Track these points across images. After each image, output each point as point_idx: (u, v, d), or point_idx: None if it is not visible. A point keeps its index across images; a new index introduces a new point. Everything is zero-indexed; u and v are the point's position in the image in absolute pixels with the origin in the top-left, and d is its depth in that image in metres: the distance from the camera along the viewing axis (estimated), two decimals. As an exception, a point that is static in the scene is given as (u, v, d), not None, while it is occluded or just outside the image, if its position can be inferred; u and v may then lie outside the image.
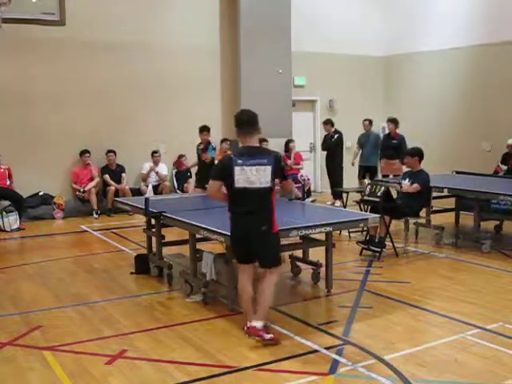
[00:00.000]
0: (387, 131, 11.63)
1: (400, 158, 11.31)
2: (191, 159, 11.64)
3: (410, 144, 9.08)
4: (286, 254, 6.95)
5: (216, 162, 8.65)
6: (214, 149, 9.82)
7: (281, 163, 4.81)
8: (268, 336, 4.71)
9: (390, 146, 11.29)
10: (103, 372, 4.31)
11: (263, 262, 4.86)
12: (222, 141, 12.54)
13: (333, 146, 12.23)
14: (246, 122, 4.80)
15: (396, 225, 8.64)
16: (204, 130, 9.67)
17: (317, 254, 6.64)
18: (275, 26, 12.79)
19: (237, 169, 4.63)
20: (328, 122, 12.40)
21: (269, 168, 4.64)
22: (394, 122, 11.33)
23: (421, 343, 4.77)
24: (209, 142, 9.69)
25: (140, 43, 11.90)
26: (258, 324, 4.74)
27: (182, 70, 12.33)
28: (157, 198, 8.01)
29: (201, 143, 9.79)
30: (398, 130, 11.41)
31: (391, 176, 10.95)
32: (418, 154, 7.97)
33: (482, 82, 12.84)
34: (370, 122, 12.34)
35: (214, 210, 6.99)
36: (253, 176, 4.63)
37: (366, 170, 12.29)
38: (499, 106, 12.47)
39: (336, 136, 12.25)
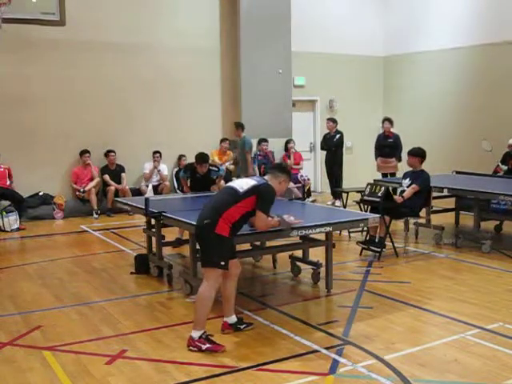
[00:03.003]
0: (382, 130, 11.69)
1: (396, 156, 11.46)
2: (192, 159, 11.65)
3: (409, 144, 9.07)
4: (285, 254, 6.97)
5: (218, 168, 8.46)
6: (218, 170, 8.35)
7: (263, 190, 4.75)
8: (204, 347, 4.59)
9: (386, 145, 11.48)
10: (103, 372, 4.31)
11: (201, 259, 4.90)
12: (222, 140, 12.56)
13: (334, 145, 12.24)
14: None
15: (396, 225, 8.64)
16: (203, 161, 8.01)
17: (317, 253, 6.65)
18: (275, 26, 12.80)
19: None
20: (333, 120, 12.40)
21: (252, 182, 4.81)
22: (389, 121, 11.56)
23: (421, 343, 4.77)
24: (209, 170, 8.13)
25: (140, 43, 11.90)
26: (194, 334, 4.65)
27: (182, 70, 12.34)
28: (157, 198, 8.01)
29: (195, 169, 8.13)
30: (392, 130, 11.51)
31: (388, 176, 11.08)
32: (421, 154, 7.95)
33: (482, 81, 12.84)
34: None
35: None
36: (235, 183, 4.88)
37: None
38: (499, 106, 12.47)
39: (338, 136, 12.27)
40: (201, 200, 8.04)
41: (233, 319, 5.07)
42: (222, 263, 4.63)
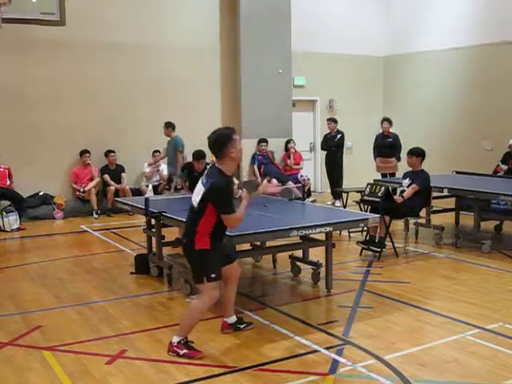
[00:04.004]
0: (381, 130, 11.71)
1: (395, 156, 11.48)
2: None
3: (409, 144, 9.07)
4: (285, 254, 6.97)
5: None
6: None
7: (212, 194, 4.48)
8: (181, 352, 4.53)
9: (385, 145, 11.51)
10: (103, 372, 4.31)
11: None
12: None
13: (335, 146, 12.25)
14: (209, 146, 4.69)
15: (396, 225, 8.64)
16: (201, 157, 8.03)
17: (317, 253, 6.65)
18: (275, 26, 12.80)
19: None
20: (334, 121, 12.41)
21: (202, 189, 4.54)
22: (388, 121, 11.60)
23: (421, 343, 4.77)
24: (205, 167, 7.89)
25: (140, 43, 11.90)
26: (174, 339, 4.61)
27: (182, 70, 12.34)
28: (157, 198, 8.00)
29: (192, 167, 8.19)
30: (392, 129, 11.54)
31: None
32: (422, 154, 7.96)
33: (481, 81, 12.85)
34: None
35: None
36: (195, 192, 4.64)
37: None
38: (499, 106, 12.46)
39: (339, 136, 12.28)
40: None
41: (232, 319, 5.07)
42: (213, 275, 4.54)
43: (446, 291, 6.23)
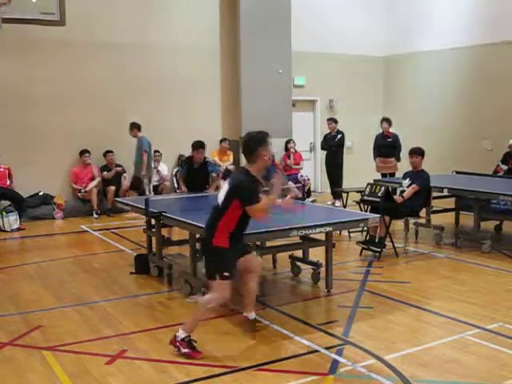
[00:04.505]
0: (381, 130, 11.72)
1: (395, 156, 11.49)
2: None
3: (409, 144, 9.07)
4: (285, 254, 6.97)
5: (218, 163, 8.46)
6: (215, 165, 8.53)
7: (236, 190, 4.63)
8: (183, 350, 4.54)
9: (385, 145, 11.52)
10: (103, 372, 4.31)
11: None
12: (222, 140, 12.57)
13: (335, 146, 12.25)
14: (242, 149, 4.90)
15: (396, 225, 8.64)
16: (200, 147, 8.15)
17: (317, 254, 6.64)
18: (275, 26, 12.79)
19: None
20: (334, 121, 12.41)
21: (226, 187, 4.68)
22: (387, 121, 11.61)
23: (421, 343, 4.77)
24: (204, 161, 8.33)
25: (140, 43, 11.91)
26: (179, 333, 4.61)
27: (182, 69, 12.34)
28: (157, 198, 8.00)
29: (191, 160, 8.28)
30: (391, 129, 11.54)
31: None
32: (423, 153, 7.97)
33: (482, 81, 12.84)
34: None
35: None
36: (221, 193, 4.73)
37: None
38: (499, 106, 12.46)
39: (339, 136, 12.29)
40: (201, 200, 8.09)
41: (252, 315, 5.04)
42: (226, 274, 4.59)
43: (446, 291, 6.23)
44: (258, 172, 4.81)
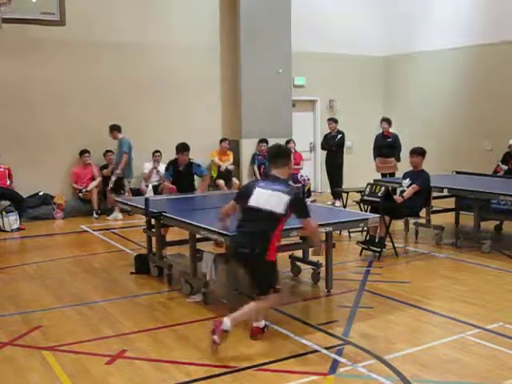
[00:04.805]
0: (381, 130, 11.72)
1: (395, 156, 11.50)
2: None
3: (409, 144, 9.08)
4: (285, 254, 6.96)
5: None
6: (200, 166, 8.52)
7: (297, 202, 4.75)
8: (213, 337, 4.48)
9: (385, 145, 11.54)
10: (103, 372, 4.31)
11: (253, 287, 4.91)
12: (222, 140, 12.56)
13: (335, 145, 12.25)
14: (274, 154, 5.00)
15: (396, 225, 8.64)
16: (185, 149, 8.23)
17: (317, 254, 6.63)
18: (275, 25, 12.80)
19: (256, 190, 4.79)
20: (334, 121, 12.42)
21: (285, 197, 4.66)
22: (387, 121, 11.63)
23: (421, 343, 4.77)
24: (189, 162, 8.31)
25: (140, 43, 11.90)
26: (225, 321, 4.56)
27: (182, 69, 12.34)
28: (157, 198, 8.00)
29: (176, 162, 8.29)
30: (391, 129, 11.55)
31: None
32: (423, 153, 7.97)
33: (482, 81, 12.85)
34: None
35: (214, 210, 6.99)
36: (268, 198, 4.69)
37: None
38: (499, 106, 12.47)
39: (339, 136, 12.29)
40: (201, 200, 8.09)
41: (262, 323, 4.99)
42: (278, 286, 4.75)
43: (446, 291, 6.23)
44: (288, 178, 4.97)
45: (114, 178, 11.03)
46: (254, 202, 4.74)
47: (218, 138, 12.65)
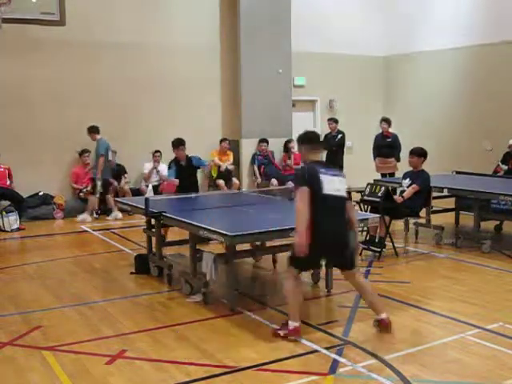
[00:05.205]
0: (380, 130, 11.71)
1: (395, 156, 11.49)
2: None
3: (409, 144, 9.08)
4: (285, 254, 6.95)
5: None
6: (201, 159, 8.70)
7: None
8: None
9: (384, 145, 11.53)
10: (103, 372, 4.31)
11: (346, 264, 5.02)
12: (222, 140, 12.56)
13: (336, 145, 12.25)
14: (317, 138, 5.13)
15: (396, 225, 8.63)
16: (180, 143, 8.36)
17: (317, 254, 6.63)
18: (275, 26, 12.79)
19: (322, 177, 4.80)
20: (335, 121, 12.42)
21: (344, 180, 4.97)
22: (386, 121, 11.61)
23: (421, 343, 4.77)
24: (188, 157, 8.47)
25: (140, 43, 11.90)
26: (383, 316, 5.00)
27: (182, 69, 12.34)
28: (157, 198, 8.01)
29: (176, 160, 8.41)
30: (391, 129, 11.55)
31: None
32: (424, 155, 7.96)
33: (482, 81, 12.84)
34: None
35: (214, 210, 7.00)
36: (338, 185, 4.89)
37: None
38: (499, 106, 12.46)
39: (340, 136, 12.29)
40: (201, 200, 8.09)
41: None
42: None
43: (446, 291, 6.23)
44: None
45: (99, 183, 10.88)
46: (329, 190, 4.79)
47: (218, 137, 12.65)
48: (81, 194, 11.39)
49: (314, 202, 4.70)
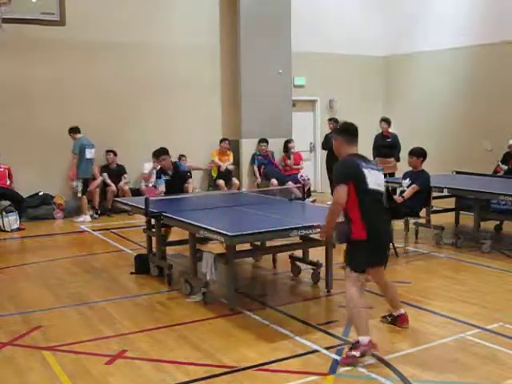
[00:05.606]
0: (380, 130, 11.71)
1: (395, 156, 11.49)
2: (191, 159, 11.68)
3: (409, 144, 9.07)
4: (285, 254, 6.97)
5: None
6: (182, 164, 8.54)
7: None
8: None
9: (384, 145, 11.52)
10: (103, 372, 4.31)
11: (387, 261, 4.95)
12: (222, 140, 12.56)
13: None
14: (355, 131, 4.70)
15: (396, 225, 8.63)
16: (163, 153, 8.05)
17: (317, 254, 6.64)
18: (275, 26, 12.79)
19: (365, 171, 4.53)
20: (335, 121, 12.40)
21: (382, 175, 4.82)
22: (386, 121, 11.61)
23: (421, 343, 4.77)
24: (176, 164, 8.32)
25: (140, 43, 11.90)
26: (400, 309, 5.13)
27: (182, 69, 12.33)
28: (157, 198, 8.00)
29: (163, 170, 8.15)
30: (390, 129, 11.54)
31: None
32: (423, 155, 7.95)
33: (481, 81, 12.84)
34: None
35: (213, 210, 7.00)
36: (380, 180, 4.70)
37: None
38: (499, 106, 12.46)
39: None
40: (201, 200, 8.09)
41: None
42: None
43: (446, 291, 6.23)
44: None
45: (74, 183, 10.85)
46: (373, 184, 4.57)
47: (218, 137, 12.64)
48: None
49: (358, 198, 4.45)
